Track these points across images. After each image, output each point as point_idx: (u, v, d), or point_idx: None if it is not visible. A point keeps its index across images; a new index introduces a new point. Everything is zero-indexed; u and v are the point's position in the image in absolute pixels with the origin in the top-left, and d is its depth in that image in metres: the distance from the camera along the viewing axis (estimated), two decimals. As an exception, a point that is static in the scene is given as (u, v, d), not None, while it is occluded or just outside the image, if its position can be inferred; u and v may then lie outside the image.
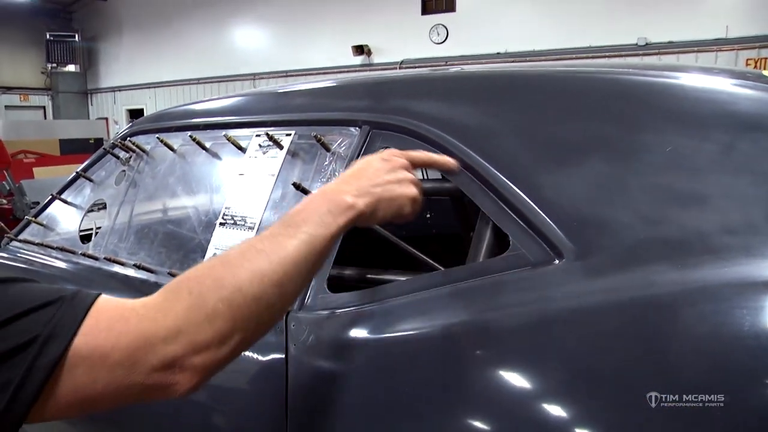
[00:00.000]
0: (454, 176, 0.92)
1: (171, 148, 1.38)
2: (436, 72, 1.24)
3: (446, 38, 9.94)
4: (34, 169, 8.11)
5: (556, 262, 0.76)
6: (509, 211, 0.84)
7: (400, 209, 0.78)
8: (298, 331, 0.91)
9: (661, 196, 0.75)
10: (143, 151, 1.48)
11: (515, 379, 0.70)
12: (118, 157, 1.55)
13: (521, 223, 0.82)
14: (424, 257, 0.99)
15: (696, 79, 0.91)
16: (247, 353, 0.92)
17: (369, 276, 1.04)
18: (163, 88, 13.22)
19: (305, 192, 1.04)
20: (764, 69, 7.32)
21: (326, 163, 1.07)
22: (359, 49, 10.45)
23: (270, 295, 0.64)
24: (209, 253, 1.13)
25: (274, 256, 0.65)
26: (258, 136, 1.20)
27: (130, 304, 0.59)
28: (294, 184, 1.03)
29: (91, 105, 14.96)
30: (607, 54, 8.42)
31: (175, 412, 1.03)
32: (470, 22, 9.63)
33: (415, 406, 0.77)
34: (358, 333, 0.86)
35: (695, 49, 8.01)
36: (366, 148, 1.04)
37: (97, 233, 1.48)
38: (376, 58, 10.53)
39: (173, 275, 1.15)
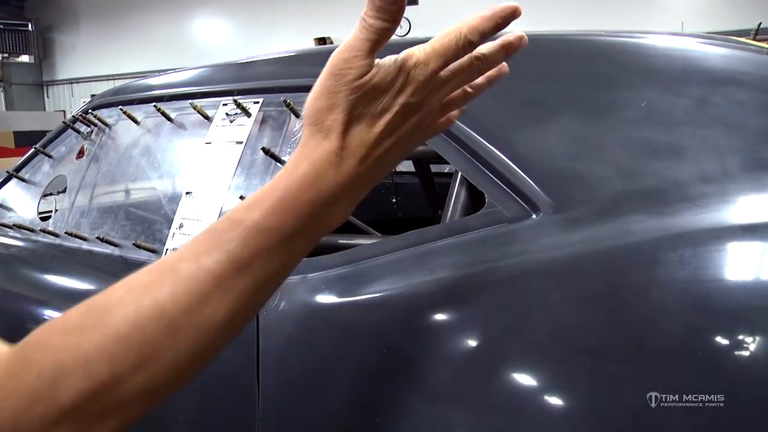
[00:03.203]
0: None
1: (135, 120, 1.34)
2: (406, 37, 1.23)
3: (408, 31, 9.95)
4: (-15, 161, 7.82)
5: (533, 216, 0.76)
6: (485, 170, 0.83)
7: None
8: (268, 297, 0.89)
9: (638, 150, 0.76)
10: (105, 124, 1.43)
11: (495, 335, 0.69)
12: (78, 132, 1.49)
13: (497, 180, 0.81)
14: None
15: (667, 39, 0.92)
16: None
17: (341, 242, 1.03)
18: (123, 80, 12.86)
19: (275, 158, 1.02)
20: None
21: (296, 128, 1.05)
22: (322, 41, 10.40)
23: (166, 381, 0.44)
24: (175, 224, 1.09)
25: (188, 332, 0.44)
26: (225, 104, 1.17)
27: None
28: (263, 149, 1.01)
29: (48, 97, 14.47)
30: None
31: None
32: (433, 16, 9.68)
33: (392, 367, 0.76)
34: (332, 296, 0.84)
35: (654, 43, 8.26)
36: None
37: (56, 211, 1.43)
38: (340, 51, 10.50)
39: (138, 246, 1.11)
